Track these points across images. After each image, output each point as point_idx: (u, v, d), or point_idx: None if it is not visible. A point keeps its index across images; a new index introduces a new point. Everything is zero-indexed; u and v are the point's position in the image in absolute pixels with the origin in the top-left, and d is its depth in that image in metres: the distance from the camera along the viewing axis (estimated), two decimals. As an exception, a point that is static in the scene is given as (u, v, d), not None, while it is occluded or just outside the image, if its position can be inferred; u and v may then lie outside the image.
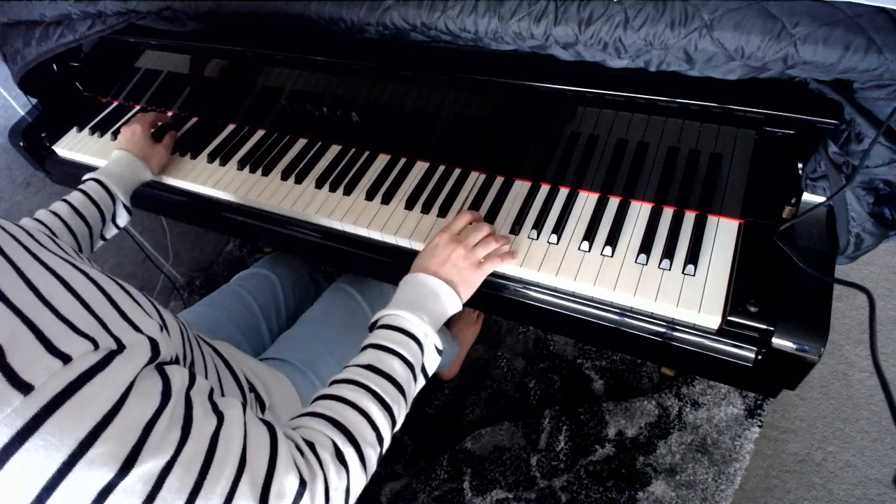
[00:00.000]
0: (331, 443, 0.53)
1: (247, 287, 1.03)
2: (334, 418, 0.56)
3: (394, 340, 0.65)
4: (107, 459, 0.37)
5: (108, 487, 0.37)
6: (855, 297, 1.42)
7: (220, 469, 0.43)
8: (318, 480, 0.49)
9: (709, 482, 1.23)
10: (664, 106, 0.76)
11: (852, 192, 0.68)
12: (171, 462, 0.40)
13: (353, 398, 0.58)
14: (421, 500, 1.30)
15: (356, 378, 0.60)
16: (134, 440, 0.39)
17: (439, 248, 0.76)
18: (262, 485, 0.45)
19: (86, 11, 0.99)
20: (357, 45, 0.88)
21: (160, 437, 0.40)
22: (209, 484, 0.42)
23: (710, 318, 0.70)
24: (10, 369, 0.36)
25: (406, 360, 0.64)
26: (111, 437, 0.38)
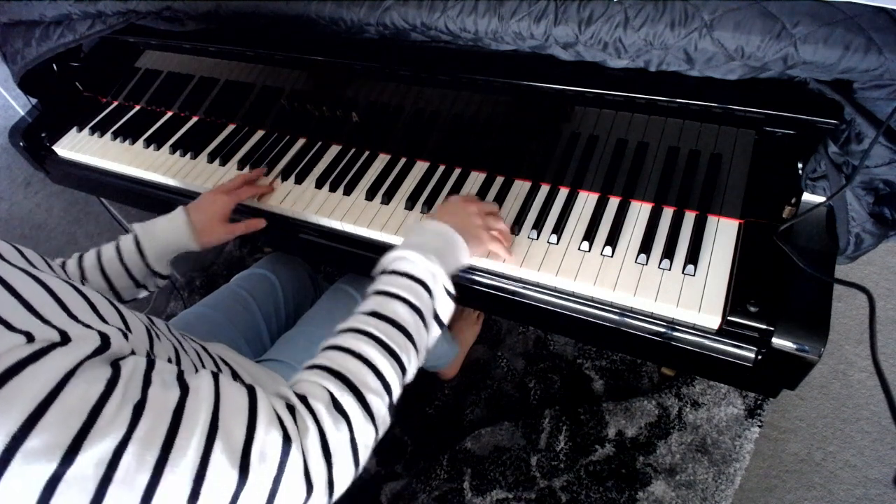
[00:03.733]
0: (326, 393, 0.51)
1: (246, 288, 1.03)
2: (332, 367, 0.53)
3: (398, 285, 0.62)
4: (47, 449, 0.35)
5: (55, 478, 0.35)
6: (855, 297, 1.42)
7: (185, 440, 0.41)
8: (310, 434, 0.47)
9: (709, 482, 1.23)
10: (664, 106, 0.76)
11: (852, 192, 0.68)
12: (125, 440, 0.38)
13: (352, 345, 0.55)
14: (421, 500, 1.30)
15: (357, 325, 0.57)
16: (78, 425, 0.37)
17: (453, 203, 0.75)
18: (240, 449, 0.42)
19: (86, 11, 0.99)
20: (357, 45, 0.88)
21: (110, 417, 0.38)
22: (175, 456, 0.40)
23: (710, 318, 0.70)
24: None
25: (412, 304, 0.61)
26: (49, 424, 0.36)
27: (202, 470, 0.40)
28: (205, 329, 0.93)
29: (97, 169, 1.14)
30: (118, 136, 1.15)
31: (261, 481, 0.43)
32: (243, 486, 0.42)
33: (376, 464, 1.38)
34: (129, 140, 1.13)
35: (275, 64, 1.01)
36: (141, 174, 1.09)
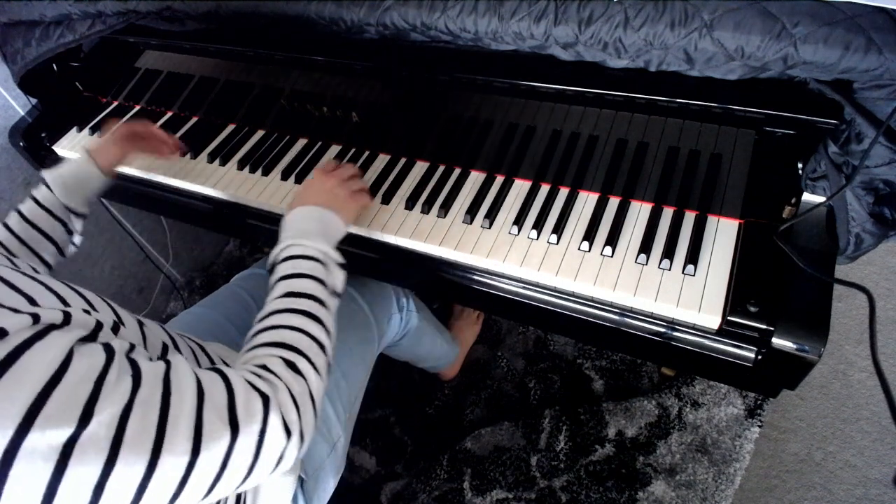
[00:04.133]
0: (279, 359, 0.57)
1: (246, 288, 1.03)
2: (274, 341, 0.60)
3: (297, 266, 0.68)
4: (63, 416, 0.39)
5: (72, 440, 0.39)
6: (855, 297, 1.42)
7: (180, 402, 0.45)
8: (280, 390, 0.53)
9: (709, 482, 1.23)
10: (664, 106, 0.76)
11: (852, 192, 0.68)
12: (130, 404, 0.42)
13: (283, 321, 0.62)
14: (421, 500, 1.30)
15: (278, 307, 0.64)
16: (87, 393, 0.41)
17: (314, 183, 0.82)
18: (226, 410, 0.48)
19: (86, 11, 0.99)
20: (357, 45, 0.88)
21: (112, 387, 0.42)
22: (173, 417, 0.44)
23: (710, 318, 0.70)
24: None
25: (315, 277, 0.68)
26: (62, 394, 0.39)
27: (198, 429, 0.45)
28: (204, 329, 0.93)
29: (97, 169, 1.14)
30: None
31: (250, 434, 0.49)
32: (236, 441, 0.47)
33: (376, 464, 1.38)
34: (129, 140, 1.13)
35: (275, 64, 1.01)
36: (141, 174, 1.09)
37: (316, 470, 0.82)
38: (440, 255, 0.85)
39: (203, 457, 0.45)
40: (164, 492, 0.43)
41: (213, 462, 0.46)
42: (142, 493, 0.42)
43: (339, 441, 0.87)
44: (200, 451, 0.45)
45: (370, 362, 0.99)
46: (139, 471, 0.42)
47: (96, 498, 0.40)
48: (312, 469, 0.82)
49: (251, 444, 0.49)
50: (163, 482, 0.43)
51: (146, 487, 0.42)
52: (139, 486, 0.42)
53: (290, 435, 0.52)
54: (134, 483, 0.42)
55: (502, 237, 0.83)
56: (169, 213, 1.47)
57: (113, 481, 0.40)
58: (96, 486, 0.40)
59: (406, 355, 1.25)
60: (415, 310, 1.13)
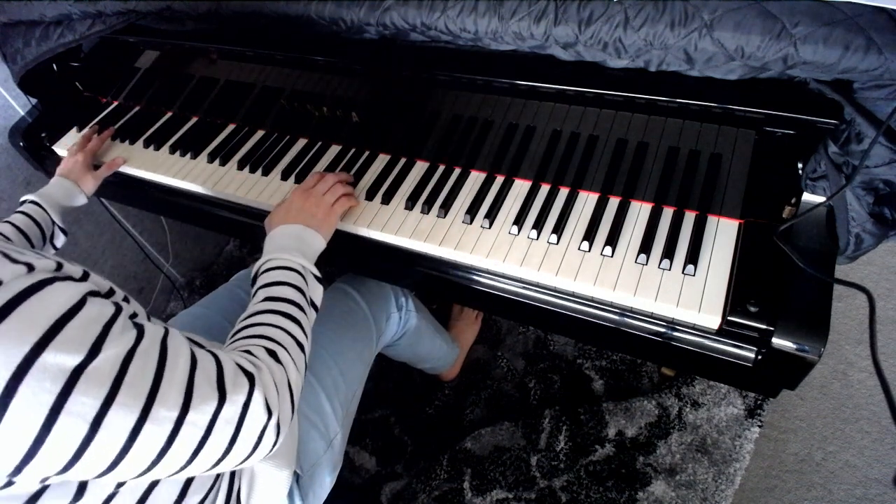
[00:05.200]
0: (262, 348, 0.61)
1: (245, 288, 1.03)
2: (256, 334, 0.63)
3: (277, 276, 0.72)
4: (75, 344, 0.43)
5: (80, 367, 0.42)
6: (855, 297, 1.42)
7: (174, 363, 0.49)
8: (263, 372, 0.56)
9: (709, 482, 1.23)
10: (664, 106, 0.76)
11: (852, 192, 0.68)
12: (132, 350, 0.46)
13: (263, 320, 0.65)
14: (421, 500, 1.30)
15: (259, 309, 0.67)
16: (97, 331, 0.44)
17: (293, 201, 0.84)
18: (215, 378, 0.51)
19: (86, 11, 0.99)
20: (357, 45, 0.88)
21: (119, 332, 0.46)
22: (168, 372, 0.48)
23: (710, 318, 0.70)
24: None
25: (294, 285, 0.71)
26: (76, 326, 0.43)
27: (189, 389, 0.49)
28: (203, 329, 0.93)
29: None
30: (118, 136, 1.15)
31: (235, 403, 0.51)
32: (222, 408, 0.50)
33: (376, 464, 1.38)
34: (128, 140, 1.13)
35: (275, 64, 1.01)
36: (141, 174, 1.09)
37: (312, 466, 0.82)
38: (440, 255, 0.85)
39: (191, 416, 0.48)
40: (152, 446, 0.46)
41: (200, 424, 0.48)
42: (133, 440, 0.44)
43: (335, 437, 0.87)
44: (189, 408, 0.48)
45: (368, 361, 0.99)
46: (133, 415, 0.44)
47: (93, 432, 0.42)
48: (308, 465, 0.82)
49: (235, 414, 0.51)
50: (152, 434, 0.45)
51: (137, 434, 0.45)
52: (131, 431, 0.44)
53: (270, 415, 0.54)
54: (127, 426, 0.44)
55: (502, 237, 0.83)
56: (169, 213, 1.47)
57: (109, 419, 0.43)
58: (94, 420, 0.42)
59: (405, 355, 1.25)
60: (413, 309, 1.13)
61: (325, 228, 0.83)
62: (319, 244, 0.81)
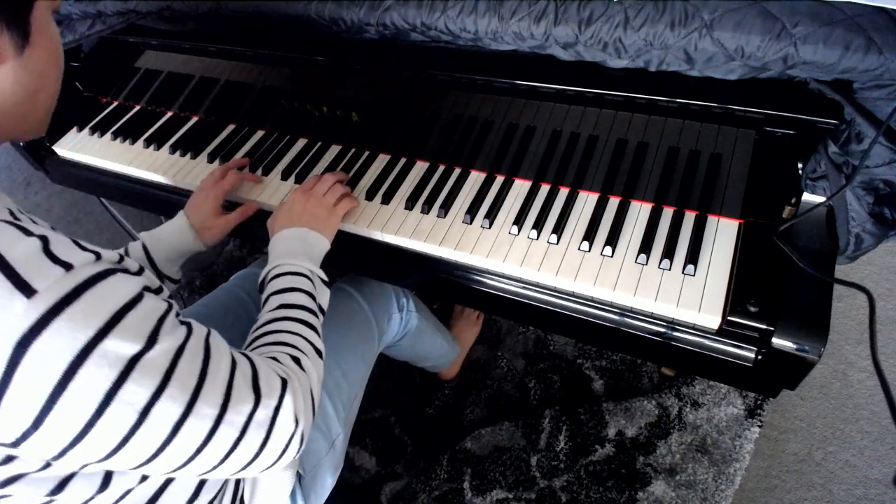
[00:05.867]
0: (287, 356, 0.61)
1: (245, 288, 1.03)
2: (277, 341, 0.64)
3: (287, 282, 0.72)
4: (136, 332, 0.44)
5: (137, 356, 0.43)
6: (855, 297, 1.42)
7: (217, 362, 0.50)
8: (292, 378, 0.57)
9: (709, 482, 1.23)
10: (664, 106, 0.76)
11: (852, 192, 0.68)
12: (182, 346, 0.47)
13: (281, 328, 0.66)
14: (421, 500, 1.30)
15: (275, 317, 0.67)
16: (153, 324, 0.46)
17: (294, 203, 0.83)
18: (251, 379, 0.53)
19: (86, 11, 0.99)
20: (357, 45, 0.88)
21: (170, 327, 0.48)
22: (212, 370, 0.49)
23: (710, 318, 0.70)
24: (53, 254, 0.43)
25: (306, 291, 0.72)
26: (136, 316, 0.45)
27: (229, 389, 0.50)
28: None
29: (97, 169, 1.14)
30: (118, 136, 1.15)
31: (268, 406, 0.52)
32: (256, 409, 0.51)
33: (376, 464, 1.38)
34: (129, 140, 1.13)
35: (275, 64, 1.01)
36: (141, 174, 1.09)
37: (314, 467, 0.82)
38: (440, 255, 0.85)
39: (229, 415, 0.49)
40: (191, 442, 0.47)
41: (236, 423, 0.50)
42: (175, 433, 0.46)
43: (337, 438, 0.87)
44: (228, 408, 0.49)
45: (370, 362, 0.99)
46: (179, 408, 0.46)
47: (140, 422, 0.44)
48: (310, 465, 0.82)
49: (267, 417, 0.52)
50: (193, 429, 0.47)
51: (180, 428, 0.46)
52: (175, 424, 0.46)
53: (297, 424, 0.55)
54: (172, 419, 0.45)
55: (502, 237, 0.83)
56: (169, 213, 1.47)
57: (157, 410, 0.44)
58: (143, 409, 0.44)
59: (406, 355, 1.25)
60: (414, 310, 1.13)
61: (328, 229, 0.83)
62: (324, 246, 0.81)
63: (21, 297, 0.39)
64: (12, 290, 0.39)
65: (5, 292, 0.39)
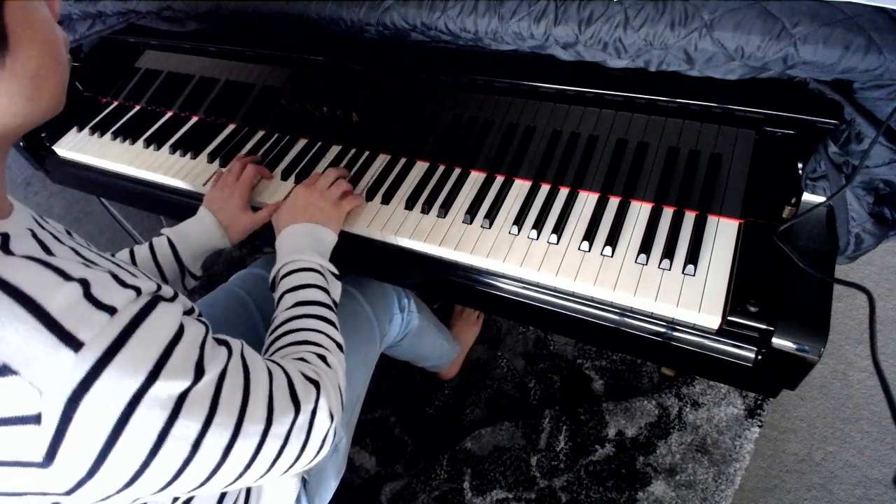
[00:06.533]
0: (313, 354, 0.62)
1: (245, 288, 1.03)
2: (300, 340, 0.64)
3: (300, 278, 0.72)
4: (183, 369, 0.44)
5: (186, 392, 0.43)
6: (855, 297, 1.42)
7: (256, 378, 0.50)
8: (322, 377, 0.58)
9: (709, 482, 1.23)
10: (664, 106, 0.76)
11: (852, 192, 0.68)
12: (224, 370, 0.47)
13: (301, 326, 0.66)
14: (421, 500, 1.30)
15: (293, 315, 0.67)
16: (197, 354, 0.46)
17: (298, 198, 0.84)
18: (289, 390, 0.53)
19: (86, 11, 0.99)
20: (357, 45, 0.88)
21: (212, 350, 0.48)
22: (254, 388, 0.49)
23: (710, 318, 0.70)
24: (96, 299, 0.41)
25: (320, 286, 0.72)
26: (182, 351, 0.44)
27: (270, 403, 0.50)
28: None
29: (97, 169, 1.14)
30: (118, 136, 1.15)
31: (306, 413, 0.53)
32: (297, 418, 0.52)
33: (376, 464, 1.38)
34: (129, 140, 1.13)
35: (275, 64, 1.01)
36: (141, 174, 1.09)
37: (318, 471, 0.82)
38: (440, 255, 0.85)
39: (274, 428, 0.50)
40: (241, 461, 0.47)
41: (280, 434, 0.50)
42: (226, 457, 0.46)
43: (341, 442, 0.87)
44: (272, 422, 0.50)
45: (372, 363, 0.99)
46: (228, 432, 0.46)
47: (193, 453, 0.44)
48: (315, 470, 0.82)
49: (306, 421, 0.53)
50: (242, 450, 0.47)
51: (230, 451, 0.46)
52: (225, 449, 0.46)
53: (332, 419, 0.57)
54: (222, 444, 0.46)
55: (502, 237, 0.83)
56: (169, 214, 1.47)
57: (208, 439, 0.44)
58: (195, 441, 0.44)
59: (406, 355, 1.25)
60: (416, 310, 1.13)
61: (333, 222, 0.83)
62: (331, 239, 0.82)
63: (68, 352, 0.38)
64: (58, 344, 0.38)
65: (51, 347, 0.38)
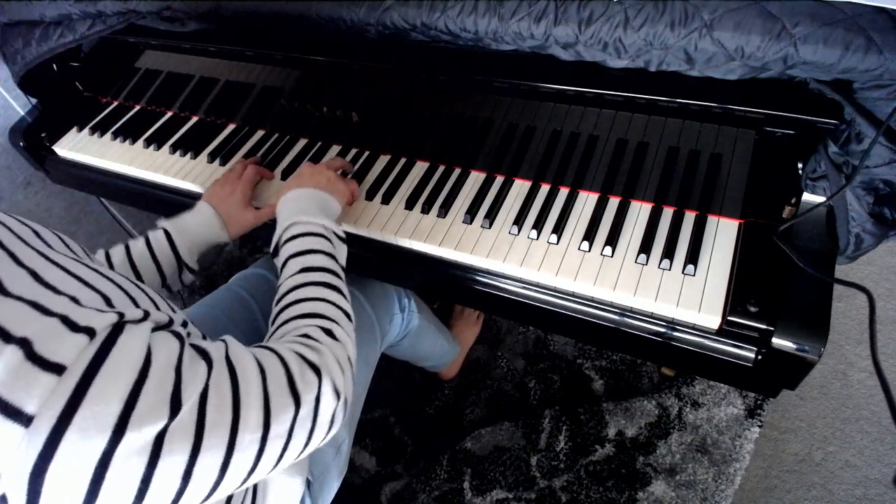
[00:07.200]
0: (317, 328, 0.59)
1: (246, 287, 1.03)
2: (305, 312, 0.61)
3: (305, 243, 0.69)
4: (155, 411, 0.39)
5: (164, 430, 0.39)
6: (855, 297, 1.42)
7: (246, 381, 0.47)
8: (326, 355, 0.55)
9: (709, 482, 1.23)
10: (664, 106, 0.76)
11: (852, 192, 0.68)
12: (206, 387, 0.43)
13: (307, 294, 0.63)
14: (421, 500, 1.30)
15: (298, 283, 0.65)
16: (172, 381, 0.41)
17: (303, 171, 0.83)
18: (287, 384, 0.50)
19: (86, 11, 0.99)
20: (357, 45, 0.88)
21: (189, 369, 0.43)
22: (244, 395, 0.46)
23: (710, 318, 0.70)
24: (40, 357, 0.36)
25: (326, 252, 0.69)
26: (151, 389, 0.39)
27: (267, 404, 0.47)
28: (205, 328, 0.92)
29: (97, 169, 1.14)
30: (118, 136, 1.15)
31: (308, 403, 0.51)
32: (299, 409, 0.49)
33: (376, 464, 1.38)
34: (129, 140, 1.13)
35: (275, 64, 1.01)
36: (141, 174, 1.09)
37: (322, 472, 0.82)
38: (440, 255, 0.85)
39: (273, 430, 0.47)
40: (241, 471, 0.45)
41: (282, 433, 0.48)
42: (224, 471, 0.43)
43: (343, 443, 0.87)
44: (271, 424, 0.47)
45: (373, 363, 0.99)
46: (221, 452, 0.43)
47: (185, 484, 0.41)
48: (318, 471, 0.82)
49: (309, 412, 0.51)
50: (241, 461, 0.44)
51: (228, 465, 0.43)
52: (222, 465, 0.43)
53: (338, 396, 0.54)
54: (217, 465, 0.43)
55: (502, 237, 0.83)
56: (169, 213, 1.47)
57: (199, 465, 0.41)
58: (185, 472, 0.40)
59: (407, 355, 1.25)
60: (416, 310, 1.13)
61: (339, 193, 0.81)
62: (336, 207, 0.80)
63: (18, 428, 0.34)
64: (4, 421, 0.34)
65: None
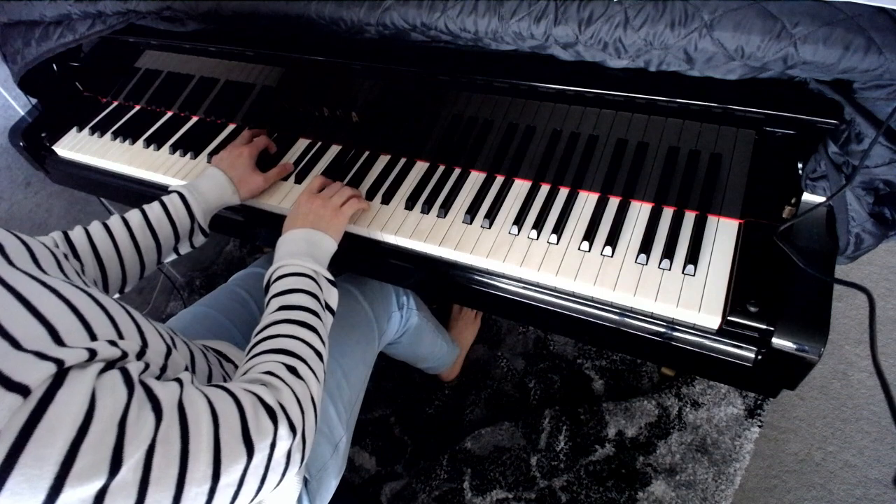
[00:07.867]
0: (281, 364, 0.60)
1: (245, 287, 1.03)
2: (274, 348, 0.62)
3: (290, 283, 0.71)
4: (94, 469, 0.37)
5: (103, 490, 0.38)
6: (855, 297, 1.42)
7: (198, 432, 0.45)
8: (284, 393, 0.55)
9: (709, 482, 1.23)
10: (664, 106, 0.76)
11: (852, 192, 0.68)
12: (153, 444, 0.41)
13: (280, 332, 0.64)
14: (421, 500, 1.30)
15: (275, 320, 0.66)
16: (114, 437, 0.39)
17: (300, 206, 0.84)
18: (240, 432, 0.48)
19: (86, 11, 0.99)
20: (357, 45, 0.88)
21: (135, 428, 0.41)
22: (194, 447, 0.44)
23: (710, 318, 0.70)
24: None
25: (308, 292, 0.70)
26: (91, 446, 0.38)
27: (217, 454, 0.46)
28: (205, 328, 0.93)
29: (97, 169, 1.14)
30: (118, 136, 1.15)
31: (263, 450, 0.50)
32: (251, 459, 0.49)
33: (376, 464, 1.38)
34: (129, 140, 1.13)
35: (275, 64, 1.01)
36: (141, 174, 1.09)
37: (319, 471, 0.82)
38: (440, 254, 0.85)
39: (223, 480, 0.46)
40: None
41: (232, 482, 0.47)
42: None
43: (340, 441, 0.87)
44: (221, 474, 0.46)
45: (371, 361, 0.99)
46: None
47: None
48: (316, 470, 0.82)
49: (263, 460, 0.50)
50: None
51: None
52: None
53: (294, 434, 0.54)
54: None
55: (502, 237, 0.83)
56: (169, 213, 1.47)
57: None
58: None
59: (405, 354, 1.25)
60: (415, 308, 1.13)
61: (333, 229, 0.82)
62: (330, 246, 0.81)
63: None
64: None
65: None
